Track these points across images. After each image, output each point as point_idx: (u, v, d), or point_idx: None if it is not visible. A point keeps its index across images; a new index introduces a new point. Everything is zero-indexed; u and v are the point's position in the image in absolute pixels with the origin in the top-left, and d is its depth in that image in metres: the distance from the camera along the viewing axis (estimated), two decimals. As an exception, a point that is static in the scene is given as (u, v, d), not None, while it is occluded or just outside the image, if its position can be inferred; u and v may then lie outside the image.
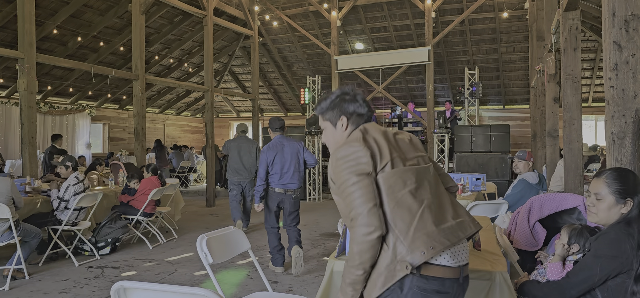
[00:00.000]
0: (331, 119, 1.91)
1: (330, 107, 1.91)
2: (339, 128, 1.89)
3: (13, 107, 12.31)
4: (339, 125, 1.89)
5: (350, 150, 1.72)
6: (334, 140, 1.92)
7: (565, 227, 2.26)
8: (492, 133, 10.10)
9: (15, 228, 4.38)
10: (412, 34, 13.37)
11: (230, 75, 17.16)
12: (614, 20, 2.26)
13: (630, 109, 2.23)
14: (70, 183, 5.15)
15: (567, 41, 3.94)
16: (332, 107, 1.90)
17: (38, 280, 4.61)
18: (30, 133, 6.58)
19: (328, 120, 1.92)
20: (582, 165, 4.01)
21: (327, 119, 1.93)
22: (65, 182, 5.19)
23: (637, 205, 1.91)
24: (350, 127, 1.87)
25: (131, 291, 1.63)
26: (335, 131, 1.91)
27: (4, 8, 9.71)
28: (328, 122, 1.93)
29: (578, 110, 3.97)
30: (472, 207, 4.29)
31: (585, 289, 1.94)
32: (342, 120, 1.88)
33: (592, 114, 14.03)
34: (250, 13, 11.86)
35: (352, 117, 1.88)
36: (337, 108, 1.89)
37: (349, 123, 1.88)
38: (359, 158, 1.69)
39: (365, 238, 1.60)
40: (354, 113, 1.88)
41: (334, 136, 1.92)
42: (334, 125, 1.91)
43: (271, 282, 4.51)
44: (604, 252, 1.89)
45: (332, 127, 1.92)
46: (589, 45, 12.56)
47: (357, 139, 1.75)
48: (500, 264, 2.17)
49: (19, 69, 6.54)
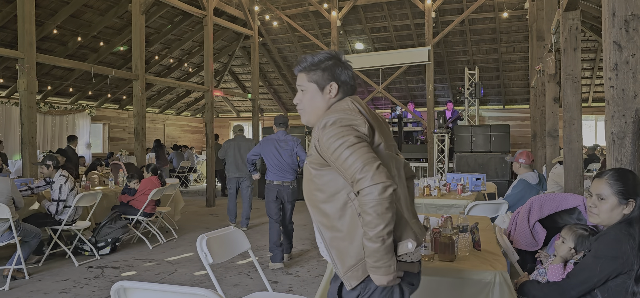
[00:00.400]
0: (318, 81, 1.68)
1: (320, 68, 1.68)
2: (325, 94, 1.68)
3: (13, 107, 12.30)
4: (326, 91, 1.68)
5: (345, 115, 1.57)
6: (314, 106, 1.70)
7: (568, 230, 2.24)
8: (492, 133, 10.10)
9: (15, 228, 4.38)
10: (412, 34, 13.37)
11: (230, 75, 17.16)
12: (614, 20, 2.26)
13: (630, 109, 2.23)
14: (61, 182, 5.14)
15: (567, 41, 3.94)
16: (323, 68, 1.68)
17: (38, 280, 4.60)
18: (30, 133, 6.58)
19: (314, 81, 1.69)
20: (582, 165, 4.01)
21: (313, 80, 1.69)
22: (55, 183, 5.15)
23: (639, 206, 1.91)
24: (338, 96, 1.69)
25: (131, 291, 1.63)
26: (319, 96, 1.69)
27: (4, 8, 9.71)
28: (313, 85, 1.69)
29: (578, 110, 3.96)
30: (472, 207, 4.29)
31: (585, 290, 1.94)
32: (331, 86, 1.68)
33: (592, 114, 14.03)
34: (250, 13, 11.85)
35: (342, 86, 1.69)
36: (328, 71, 1.68)
37: (339, 91, 1.69)
38: (357, 125, 1.55)
39: (383, 196, 1.43)
40: (346, 82, 1.70)
41: (315, 101, 1.70)
42: (321, 89, 1.68)
43: (271, 282, 4.51)
44: (604, 253, 1.89)
45: (317, 90, 1.69)
46: (589, 45, 12.56)
47: (351, 108, 1.60)
48: (500, 264, 2.17)
49: (19, 69, 6.54)
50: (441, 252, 2.25)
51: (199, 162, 15.34)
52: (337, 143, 1.51)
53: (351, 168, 1.48)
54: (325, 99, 1.69)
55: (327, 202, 1.59)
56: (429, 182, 5.38)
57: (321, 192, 1.60)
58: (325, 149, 1.55)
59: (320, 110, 1.69)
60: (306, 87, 1.70)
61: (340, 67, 1.69)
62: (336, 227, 1.59)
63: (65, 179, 5.17)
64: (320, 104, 1.69)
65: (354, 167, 1.47)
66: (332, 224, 1.59)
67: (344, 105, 1.63)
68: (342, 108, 1.61)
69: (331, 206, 1.59)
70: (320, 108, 1.69)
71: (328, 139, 1.53)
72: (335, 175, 1.58)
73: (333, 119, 1.56)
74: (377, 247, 1.47)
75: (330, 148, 1.53)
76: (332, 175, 1.59)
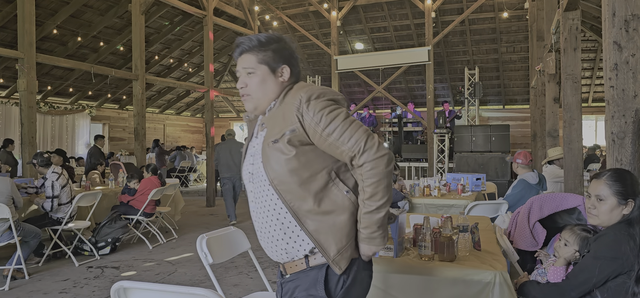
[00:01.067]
0: (269, 63, 1.55)
1: (271, 48, 1.56)
2: (277, 76, 1.56)
3: (13, 107, 12.30)
4: (278, 73, 1.56)
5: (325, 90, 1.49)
6: (265, 90, 1.56)
7: (570, 232, 2.21)
8: (492, 133, 10.10)
9: (15, 228, 4.38)
10: (412, 34, 13.36)
11: (230, 75, 17.16)
12: (614, 20, 2.26)
13: (630, 109, 2.23)
14: (52, 179, 5.14)
15: (567, 41, 3.94)
16: (274, 49, 1.56)
17: (38, 280, 4.60)
18: (30, 133, 6.58)
19: (265, 63, 1.55)
20: (582, 165, 4.01)
21: (263, 60, 1.55)
22: (47, 181, 5.16)
23: (638, 206, 1.91)
24: (291, 81, 1.58)
25: (131, 291, 1.63)
26: (271, 79, 1.56)
27: (4, 8, 9.71)
28: (264, 66, 1.55)
29: (578, 110, 3.96)
30: (472, 207, 4.29)
31: (585, 291, 1.93)
32: (283, 69, 1.56)
33: (592, 114, 14.03)
34: (250, 13, 11.85)
35: (293, 71, 1.59)
36: (279, 53, 1.56)
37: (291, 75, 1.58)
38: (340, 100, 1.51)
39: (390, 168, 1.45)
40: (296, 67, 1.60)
41: (266, 85, 1.56)
42: (272, 71, 1.56)
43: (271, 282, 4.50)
44: (604, 254, 1.89)
45: (268, 72, 1.56)
46: (589, 45, 12.56)
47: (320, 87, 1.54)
48: (500, 264, 2.17)
49: (19, 69, 6.54)
50: (441, 252, 2.25)
51: (199, 162, 15.34)
52: (331, 116, 1.44)
53: (352, 141, 1.43)
54: (277, 82, 1.56)
55: (307, 182, 1.48)
56: (429, 182, 5.38)
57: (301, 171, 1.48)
58: (313, 124, 1.45)
59: (272, 95, 1.56)
60: (254, 69, 1.55)
61: (289, 51, 1.59)
62: (319, 210, 1.49)
63: (57, 176, 5.16)
64: (272, 88, 1.56)
65: (355, 139, 1.43)
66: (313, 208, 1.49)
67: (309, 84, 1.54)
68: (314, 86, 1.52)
69: (313, 187, 1.49)
70: (273, 92, 1.56)
71: (317, 112, 1.44)
72: (317, 154, 1.49)
73: (317, 92, 1.47)
74: (381, 216, 1.47)
75: (323, 122, 1.44)
76: (314, 154, 1.49)
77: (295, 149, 1.47)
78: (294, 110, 1.47)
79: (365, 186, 1.45)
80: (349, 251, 1.51)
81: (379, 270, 2.20)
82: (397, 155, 12.52)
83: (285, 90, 1.56)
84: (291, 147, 1.46)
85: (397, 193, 4.82)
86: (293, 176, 1.47)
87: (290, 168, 1.47)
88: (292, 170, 1.47)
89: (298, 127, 1.46)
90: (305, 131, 1.47)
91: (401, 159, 11.92)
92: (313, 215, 1.50)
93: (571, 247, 2.17)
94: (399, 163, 10.85)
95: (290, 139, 1.46)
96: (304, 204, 1.49)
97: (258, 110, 1.61)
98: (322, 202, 1.49)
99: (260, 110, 1.61)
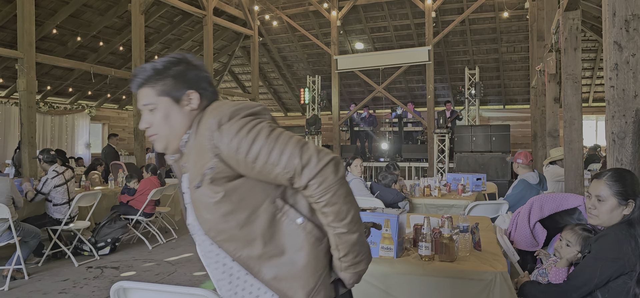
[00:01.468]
0: (170, 92, 1.29)
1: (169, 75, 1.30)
2: (183, 106, 1.30)
3: (13, 107, 12.30)
4: (184, 102, 1.30)
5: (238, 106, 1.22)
6: (172, 125, 1.30)
7: (572, 233, 2.21)
8: (493, 133, 10.10)
9: (14, 228, 4.38)
10: (412, 33, 13.36)
11: (230, 75, 17.16)
12: (615, 20, 2.26)
13: (631, 109, 2.23)
14: (49, 177, 5.16)
15: (567, 41, 3.93)
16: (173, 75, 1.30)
17: (37, 280, 4.60)
18: (30, 133, 6.59)
19: (165, 94, 1.29)
20: (583, 165, 4.01)
21: (163, 92, 1.29)
22: (44, 176, 5.18)
23: (639, 207, 1.90)
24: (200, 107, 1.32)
25: (131, 291, 1.62)
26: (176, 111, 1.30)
27: (3, 8, 9.71)
28: (165, 98, 1.29)
29: (578, 110, 3.96)
30: (473, 207, 4.29)
31: (586, 292, 1.93)
32: (190, 95, 1.30)
33: (592, 113, 14.03)
34: (250, 13, 11.85)
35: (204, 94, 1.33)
36: (180, 78, 1.30)
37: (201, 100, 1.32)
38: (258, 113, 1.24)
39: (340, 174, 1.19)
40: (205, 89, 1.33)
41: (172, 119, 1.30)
42: (176, 102, 1.29)
43: (271, 282, 4.50)
44: (605, 255, 1.88)
45: (171, 104, 1.29)
46: (589, 45, 12.56)
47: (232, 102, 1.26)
48: (500, 264, 2.17)
49: (19, 68, 6.54)
50: (441, 252, 2.25)
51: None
52: (251, 137, 1.17)
53: (284, 160, 1.15)
54: (184, 113, 1.30)
55: (249, 223, 1.23)
56: (429, 182, 5.38)
57: (237, 213, 1.23)
58: (233, 152, 1.18)
59: (181, 129, 1.31)
60: (156, 104, 1.29)
61: (194, 71, 1.33)
62: (272, 251, 1.24)
63: (55, 174, 5.16)
64: (179, 120, 1.30)
65: (287, 156, 1.15)
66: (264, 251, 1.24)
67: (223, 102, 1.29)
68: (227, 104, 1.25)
69: (257, 226, 1.23)
70: (181, 126, 1.30)
71: (234, 137, 1.17)
72: (251, 185, 1.23)
73: (227, 113, 1.20)
74: (357, 236, 1.21)
75: (243, 147, 1.17)
76: (247, 186, 1.23)
77: (223, 188, 1.22)
78: (207, 142, 1.21)
79: (321, 208, 1.19)
80: (323, 291, 1.25)
81: (379, 270, 2.20)
82: (398, 155, 12.52)
83: (197, 118, 1.30)
84: (217, 187, 1.22)
85: (397, 193, 4.82)
86: (229, 221, 1.23)
87: (222, 212, 1.23)
88: (225, 214, 1.23)
89: (216, 162, 1.21)
90: (226, 164, 1.21)
91: (401, 159, 11.92)
92: (266, 260, 1.25)
93: (574, 248, 2.17)
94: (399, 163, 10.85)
95: (213, 178, 1.21)
96: (252, 250, 1.25)
97: (170, 149, 1.35)
98: (273, 241, 1.24)
99: (172, 148, 1.35)
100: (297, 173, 1.16)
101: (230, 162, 1.20)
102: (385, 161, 11.66)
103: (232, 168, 1.21)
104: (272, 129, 1.19)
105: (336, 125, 12.33)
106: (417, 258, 2.26)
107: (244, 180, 1.23)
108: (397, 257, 2.28)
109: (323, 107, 13.40)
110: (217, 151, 1.20)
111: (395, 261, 2.24)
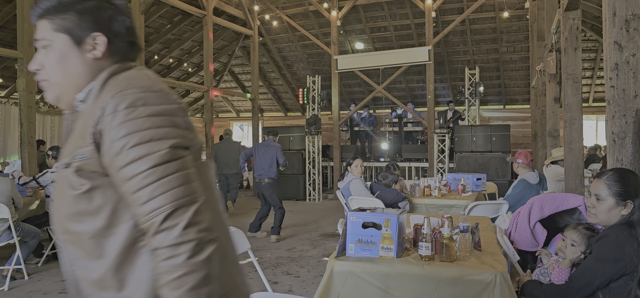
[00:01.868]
0: (72, 30, 1.02)
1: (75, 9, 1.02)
2: (85, 51, 1.03)
3: (12, 107, 12.30)
4: (87, 46, 1.03)
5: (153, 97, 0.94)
6: (67, 72, 1.02)
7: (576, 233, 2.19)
8: (493, 133, 10.09)
9: (14, 228, 4.37)
10: (412, 33, 13.36)
11: (230, 75, 17.16)
12: (615, 20, 2.25)
13: (631, 109, 2.22)
14: (50, 170, 5.30)
15: (567, 41, 3.93)
16: (80, 10, 1.02)
17: (37, 280, 4.60)
18: (30, 133, 6.58)
19: (65, 31, 1.02)
20: (583, 165, 4.01)
21: (62, 28, 1.02)
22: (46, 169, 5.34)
23: (638, 208, 1.90)
24: (110, 60, 1.05)
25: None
26: (76, 54, 1.02)
27: (3, 8, 9.71)
28: (63, 36, 1.02)
29: (579, 110, 3.96)
30: (473, 207, 4.29)
31: (587, 293, 1.93)
32: (96, 39, 1.03)
33: (592, 113, 14.03)
34: (250, 13, 11.85)
35: (115, 41, 1.05)
36: (89, 15, 1.02)
37: (109, 49, 1.04)
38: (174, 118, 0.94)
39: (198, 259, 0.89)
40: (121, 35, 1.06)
41: (68, 64, 1.02)
42: (77, 44, 1.02)
43: (271, 282, 4.50)
44: (607, 256, 1.88)
45: (70, 45, 1.02)
46: (589, 45, 12.56)
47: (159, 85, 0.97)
48: (501, 265, 2.17)
49: (19, 68, 6.54)
50: (441, 252, 2.25)
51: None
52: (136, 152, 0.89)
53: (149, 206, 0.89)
54: (85, 61, 1.03)
55: (103, 236, 0.95)
56: (429, 182, 5.38)
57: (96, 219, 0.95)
58: (111, 153, 0.91)
59: (79, 80, 1.03)
60: (51, 41, 1.02)
61: (110, 10, 1.05)
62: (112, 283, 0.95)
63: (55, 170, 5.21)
64: (77, 69, 1.02)
65: (155, 204, 0.89)
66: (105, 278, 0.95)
67: (143, 77, 0.99)
68: (143, 82, 0.97)
69: (111, 244, 0.95)
70: (79, 76, 1.02)
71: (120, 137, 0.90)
72: (113, 192, 0.95)
73: (132, 97, 0.92)
74: None
75: (122, 156, 0.90)
76: (109, 191, 0.95)
77: (90, 182, 0.94)
78: (93, 122, 0.93)
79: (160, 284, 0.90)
80: None
81: (379, 270, 2.19)
82: (398, 155, 12.52)
83: (103, 75, 1.02)
84: (82, 180, 0.94)
85: (397, 193, 4.82)
86: (83, 223, 0.95)
87: (78, 210, 0.95)
88: (80, 214, 0.95)
89: (91, 152, 0.93)
90: (100, 160, 0.94)
91: (401, 159, 11.93)
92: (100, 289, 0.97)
93: (578, 248, 2.15)
94: (400, 163, 10.85)
95: (80, 168, 0.94)
96: (92, 270, 0.97)
97: (63, 102, 1.07)
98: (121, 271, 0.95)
99: (65, 102, 1.07)
100: (152, 230, 0.89)
101: (104, 159, 0.93)
102: (386, 161, 11.66)
103: (104, 167, 0.94)
104: (169, 159, 0.90)
105: (336, 125, 12.32)
106: (417, 258, 2.26)
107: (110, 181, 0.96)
108: (397, 257, 2.28)
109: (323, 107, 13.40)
110: (98, 140, 0.93)
111: (395, 261, 2.24)
